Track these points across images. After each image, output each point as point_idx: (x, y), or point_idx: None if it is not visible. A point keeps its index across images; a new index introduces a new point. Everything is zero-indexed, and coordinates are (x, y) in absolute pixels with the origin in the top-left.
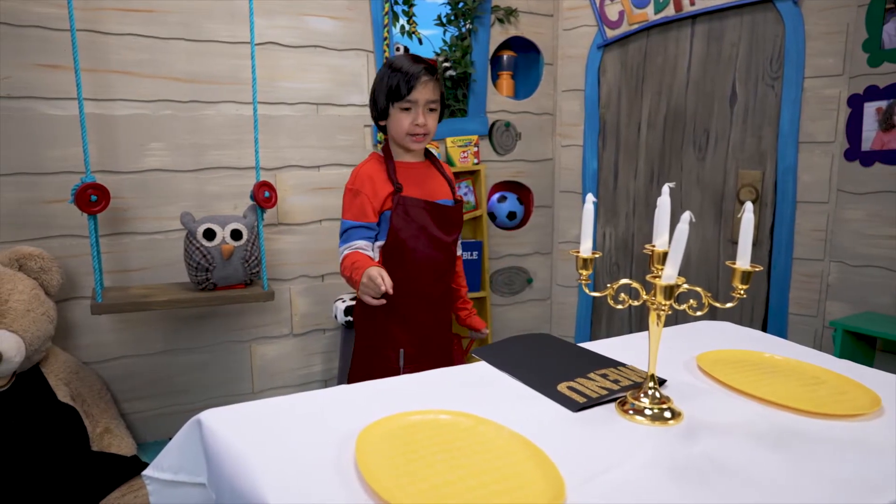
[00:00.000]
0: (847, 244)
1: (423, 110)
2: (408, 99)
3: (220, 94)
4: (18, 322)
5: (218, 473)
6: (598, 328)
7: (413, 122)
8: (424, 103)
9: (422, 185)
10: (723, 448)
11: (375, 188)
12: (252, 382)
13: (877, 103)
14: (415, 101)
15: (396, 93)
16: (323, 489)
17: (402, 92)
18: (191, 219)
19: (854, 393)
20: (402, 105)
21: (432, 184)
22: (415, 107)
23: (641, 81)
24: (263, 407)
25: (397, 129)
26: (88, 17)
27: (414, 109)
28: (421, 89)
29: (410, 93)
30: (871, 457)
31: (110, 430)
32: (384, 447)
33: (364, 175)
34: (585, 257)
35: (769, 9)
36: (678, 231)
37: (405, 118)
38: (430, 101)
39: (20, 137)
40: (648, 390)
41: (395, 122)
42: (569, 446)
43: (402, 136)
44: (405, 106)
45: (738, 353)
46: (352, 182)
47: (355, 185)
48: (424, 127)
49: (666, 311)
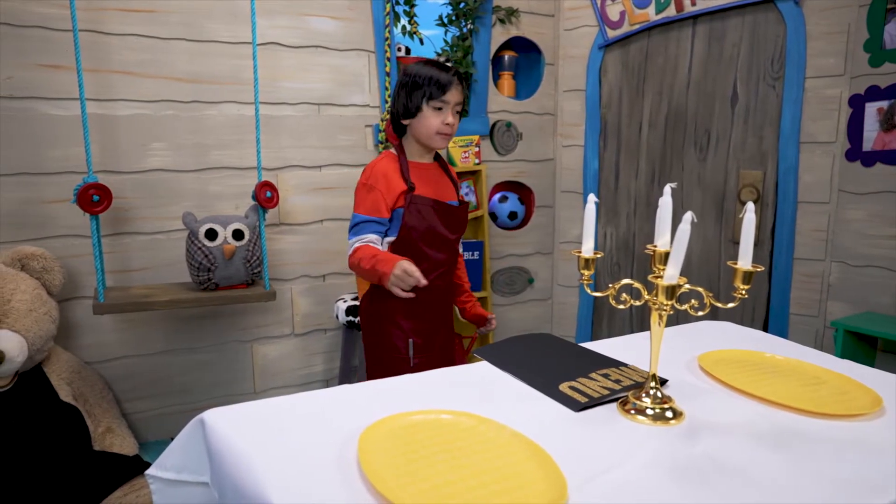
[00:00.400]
0: (848, 244)
1: (452, 111)
2: (442, 99)
3: (222, 95)
4: (21, 322)
5: (221, 473)
6: (600, 328)
7: (444, 121)
8: (454, 105)
9: (432, 185)
10: (724, 448)
11: (390, 185)
12: (254, 382)
13: (878, 103)
14: (447, 102)
15: (433, 91)
16: (325, 488)
17: (438, 92)
18: (193, 219)
19: (855, 393)
20: (435, 104)
21: (441, 185)
22: (446, 107)
23: (642, 81)
24: (266, 406)
25: (426, 127)
26: (90, 17)
27: (445, 109)
28: (454, 91)
29: (446, 93)
30: (872, 457)
31: (112, 429)
32: (386, 447)
33: (379, 172)
34: (587, 257)
35: (770, 9)
36: (680, 231)
37: (436, 117)
38: (458, 103)
39: (22, 137)
40: (650, 390)
41: (426, 120)
42: (570, 446)
43: (431, 135)
44: (438, 105)
45: (740, 353)
46: (366, 178)
47: (370, 181)
48: (452, 126)
49: (668, 312)
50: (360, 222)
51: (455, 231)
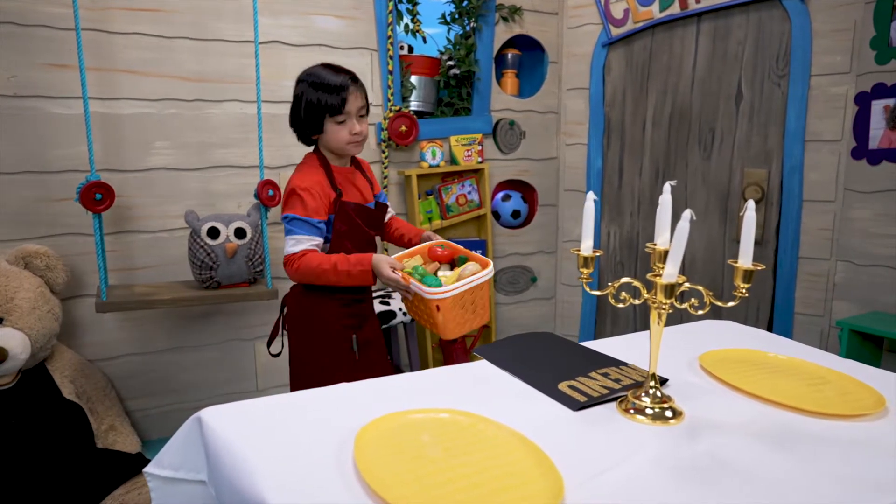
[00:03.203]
0: (854, 243)
1: (356, 119)
2: (344, 111)
3: (225, 93)
4: (24, 320)
5: (217, 471)
6: (603, 327)
7: (350, 131)
8: (356, 111)
9: (354, 190)
10: (724, 447)
11: (324, 191)
12: (256, 380)
13: (884, 101)
14: (348, 112)
15: (330, 108)
16: (321, 487)
17: (336, 107)
18: (195, 217)
19: (858, 393)
20: (337, 119)
21: (361, 188)
22: (349, 118)
23: (646, 80)
24: (263, 404)
25: (336, 140)
26: (95, 16)
27: (349, 120)
28: (351, 100)
29: (344, 105)
30: (875, 457)
31: (115, 427)
32: (383, 445)
33: (315, 178)
34: (586, 255)
35: (775, 6)
36: (679, 229)
37: (342, 130)
38: (360, 108)
39: (27, 136)
40: (649, 389)
41: (333, 134)
42: (569, 446)
43: (343, 146)
44: (340, 119)
45: (741, 352)
46: (303, 182)
47: (305, 185)
48: (361, 134)
49: (667, 310)
50: (297, 220)
51: (375, 229)
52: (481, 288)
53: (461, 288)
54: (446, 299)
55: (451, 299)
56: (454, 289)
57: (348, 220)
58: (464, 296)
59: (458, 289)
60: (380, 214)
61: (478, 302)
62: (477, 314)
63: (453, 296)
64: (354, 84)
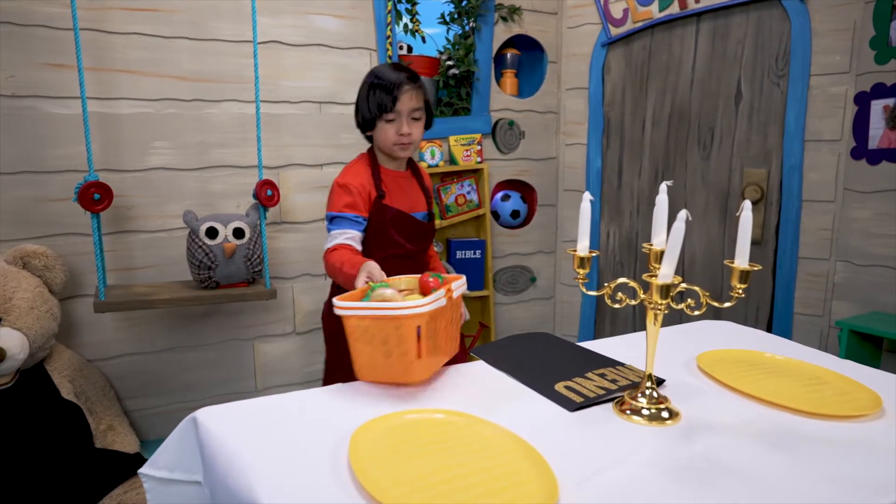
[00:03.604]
0: (853, 243)
1: (406, 120)
2: (394, 110)
3: (224, 93)
4: (22, 319)
5: (212, 472)
6: (602, 327)
7: (398, 132)
8: (408, 112)
9: (403, 195)
10: (720, 449)
11: (365, 189)
12: (255, 380)
13: (884, 101)
14: (399, 112)
15: (382, 106)
16: (316, 488)
17: (387, 105)
18: (193, 217)
19: (856, 394)
20: (387, 117)
21: (412, 195)
22: (399, 117)
23: (646, 79)
24: (258, 405)
25: (384, 139)
26: (94, 16)
27: (398, 120)
28: (404, 99)
29: (395, 104)
30: (872, 458)
31: (114, 427)
32: (378, 446)
33: (358, 174)
34: (582, 256)
35: (775, 6)
36: (674, 229)
37: (390, 129)
38: (413, 109)
39: (26, 136)
40: (646, 390)
41: (382, 132)
42: (565, 447)
43: (389, 146)
44: (390, 118)
45: (739, 352)
46: (345, 178)
47: (347, 181)
48: (409, 136)
49: (663, 311)
50: (335, 218)
51: (416, 244)
52: (398, 326)
53: (360, 311)
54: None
55: (355, 321)
56: (359, 308)
57: (381, 225)
58: (370, 327)
59: (360, 310)
60: (426, 229)
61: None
62: (393, 363)
63: (356, 316)
64: (411, 83)
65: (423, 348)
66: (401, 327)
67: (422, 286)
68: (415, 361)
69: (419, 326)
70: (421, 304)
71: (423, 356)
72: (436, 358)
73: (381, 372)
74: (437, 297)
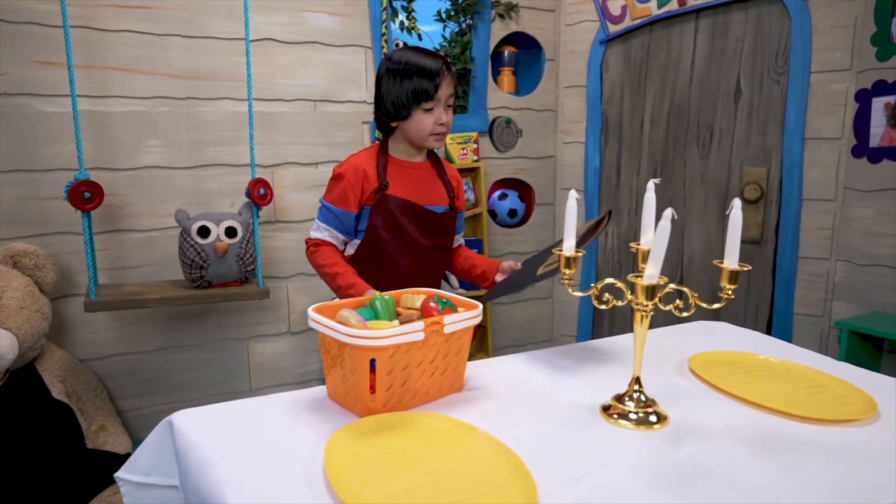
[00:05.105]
0: (854, 243)
1: (444, 106)
2: (433, 98)
3: (218, 91)
4: (12, 319)
5: (187, 476)
6: (601, 327)
7: (437, 121)
8: (446, 100)
9: (414, 186)
10: (708, 453)
11: (362, 180)
12: (250, 380)
13: (885, 98)
14: (438, 99)
15: (423, 94)
16: (288, 495)
17: (430, 92)
18: (185, 216)
19: (851, 397)
20: (426, 105)
21: (427, 187)
22: (437, 105)
23: (644, 77)
24: (236, 408)
25: (419, 130)
26: (86, 13)
27: (437, 108)
28: (444, 86)
29: (437, 91)
30: (864, 463)
31: (105, 427)
32: (354, 451)
33: (356, 164)
34: (569, 256)
35: (775, 2)
36: (660, 229)
37: (428, 118)
38: (449, 95)
39: (17, 134)
40: (633, 394)
41: (417, 123)
42: (548, 450)
43: (425, 137)
44: (429, 106)
45: (732, 354)
46: (341, 167)
47: (342, 170)
48: (446, 125)
49: (649, 312)
50: (324, 208)
51: (432, 238)
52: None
53: (323, 328)
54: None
55: (322, 335)
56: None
57: (386, 217)
58: (331, 347)
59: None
60: (442, 222)
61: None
62: (349, 390)
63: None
64: (448, 70)
65: (378, 385)
66: (353, 356)
67: (423, 310)
68: (366, 397)
69: (373, 359)
70: (378, 335)
71: (380, 393)
72: (409, 399)
73: (341, 395)
74: (406, 330)
